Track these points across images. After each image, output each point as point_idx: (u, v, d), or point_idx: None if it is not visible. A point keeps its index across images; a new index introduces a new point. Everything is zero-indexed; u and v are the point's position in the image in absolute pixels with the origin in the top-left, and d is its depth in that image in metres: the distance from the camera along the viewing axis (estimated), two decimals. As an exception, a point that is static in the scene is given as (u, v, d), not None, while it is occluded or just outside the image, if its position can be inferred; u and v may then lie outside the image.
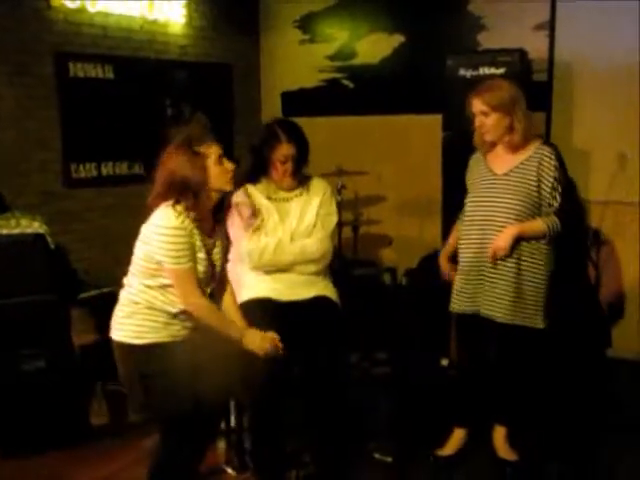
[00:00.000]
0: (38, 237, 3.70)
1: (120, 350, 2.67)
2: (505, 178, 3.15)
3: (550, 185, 3.09)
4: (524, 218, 3.10)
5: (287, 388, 3.08)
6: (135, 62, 5.04)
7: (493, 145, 3.21)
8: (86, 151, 4.78)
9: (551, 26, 4.78)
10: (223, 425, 3.46)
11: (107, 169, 4.93)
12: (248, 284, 3.26)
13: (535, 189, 3.10)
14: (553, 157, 3.09)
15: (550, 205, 3.11)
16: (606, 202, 4.65)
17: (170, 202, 2.60)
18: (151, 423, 3.02)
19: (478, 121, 3.15)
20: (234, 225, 3.22)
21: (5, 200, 4.15)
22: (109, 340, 2.72)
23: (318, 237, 3.25)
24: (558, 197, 3.10)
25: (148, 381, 2.61)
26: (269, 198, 3.28)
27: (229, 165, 2.68)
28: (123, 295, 2.72)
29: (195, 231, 2.62)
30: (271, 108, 6.01)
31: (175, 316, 2.66)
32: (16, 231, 3.70)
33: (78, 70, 4.69)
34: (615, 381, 4.35)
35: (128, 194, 5.08)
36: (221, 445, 3.52)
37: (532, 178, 3.10)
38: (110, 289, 4.47)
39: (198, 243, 2.63)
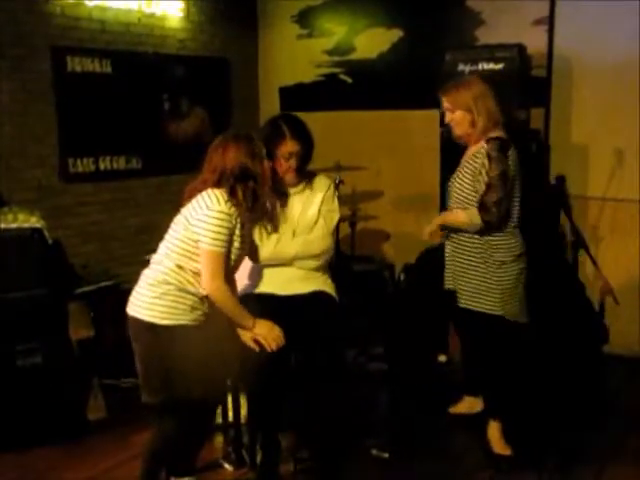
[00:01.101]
0: (35, 232, 3.69)
1: (144, 329, 2.71)
2: (459, 170, 3.36)
3: (474, 178, 3.23)
4: (461, 204, 3.30)
5: (284, 382, 3.07)
6: (133, 56, 5.03)
7: (463, 138, 3.37)
8: (83, 146, 4.77)
9: (550, 21, 4.77)
10: (221, 420, 3.47)
11: (105, 163, 4.92)
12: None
13: (472, 181, 3.25)
14: (483, 152, 3.20)
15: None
16: (604, 198, 4.65)
17: (219, 189, 2.70)
18: (148, 417, 3.01)
19: (447, 117, 3.34)
20: None
21: (2, 195, 4.14)
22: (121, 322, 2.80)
23: (320, 233, 3.22)
24: (480, 190, 3.20)
25: (168, 361, 2.68)
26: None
27: (267, 164, 2.86)
28: (152, 275, 2.75)
29: (238, 220, 2.74)
30: (269, 103, 6.00)
31: (202, 300, 2.74)
32: (13, 226, 3.69)
33: (76, 64, 4.67)
34: (612, 378, 4.35)
35: (126, 188, 5.08)
36: (219, 440, 3.54)
37: (471, 171, 3.25)
38: (107, 284, 4.48)
39: (237, 232, 2.75)
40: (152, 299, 2.70)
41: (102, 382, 4.03)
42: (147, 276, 2.76)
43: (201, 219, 2.67)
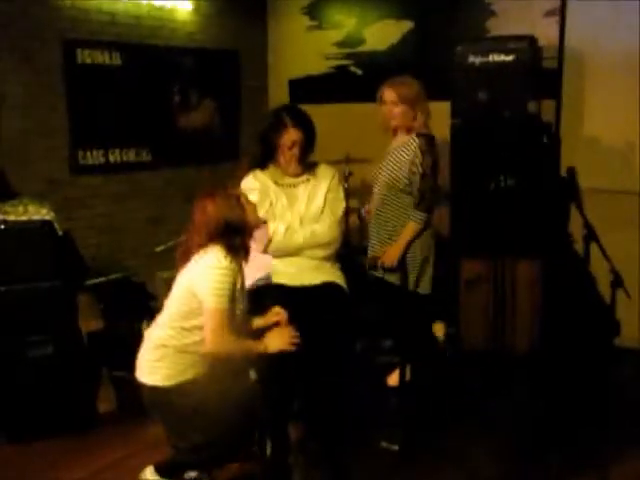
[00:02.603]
0: (46, 223, 3.70)
1: (153, 393, 2.76)
2: (387, 157, 3.71)
3: (411, 169, 3.59)
4: (392, 188, 3.63)
5: (293, 373, 3.07)
6: (143, 49, 5.03)
7: (396, 130, 3.71)
8: (93, 138, 4.78)
9: (562, 12, 4.73)
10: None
11: (114, 156, 4.93)
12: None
13: (405, 169, 3.60)
14: (414, 146, 3.60)
15: (411, 183, 3.60)
16: (616, 191, 4.61)
17: (215, 246, 2.69)
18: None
19: (387, 109, 3.65)
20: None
21: (13, 187, 4.15)
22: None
23: (327, 222, 3.26)
24: (413, 180, 3.59)
25: (183, 416, 2.71)
26: (276, 183, 3.28)
27: (251, 207, 2.85)
28: (152, 338, 2.79)
29: (239, 273, 2.74)
30: (279, 95, 5.99)
31: (202, 357, 2.74)
32: (24, 217, 3.70)
33: (86, 57, 4.68)
34: (622, 370, 4.34)
35: (135, 181, 5.09)
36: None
37: (401, 162, 3.62)
38: (117, 276, 4.50)
39: (238, 286, 2.74)
40: (153, 362, 2.75)
41: (112, 374, 4.05)
42: (149, 338, 2.80)
43: (203, 278, 2.66)
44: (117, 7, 4.84)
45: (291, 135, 3.17)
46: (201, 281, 2.66)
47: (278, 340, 2.84)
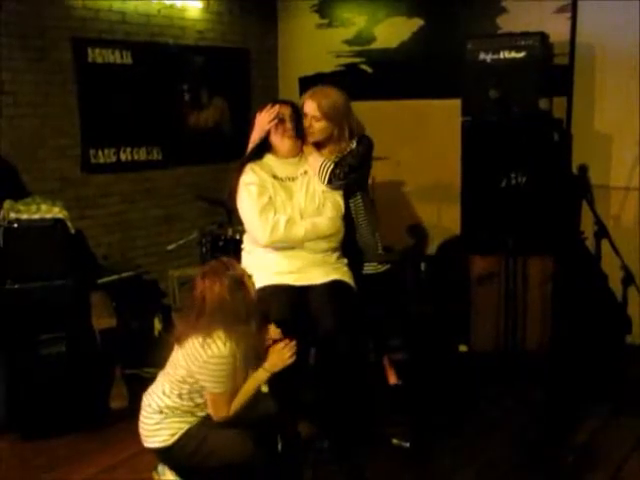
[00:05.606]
0: (58, 222, 3.72)
1: (160, 454, 2.82)
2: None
3: None
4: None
5: (305, 373, 3.08)
6: (153, 47, 5.04)
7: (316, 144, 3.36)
8: (104, 137, 4.80)
9: (573, 9, 4.71)
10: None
11: (125, 155, 4.94)
12: (264, 267, 3.24)
13: None
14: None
15: None
16: (628, 188, 4.60)
17: (213, 332, 2.65)
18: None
19: (307, 122, 3.29)
20: (244, 204, 3.23)
21: (26, 185, 4.18)
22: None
23: (328, 215, 3.25)
24: None
25: (196, 460, 2.75)
26: (275, 178, 3.28)
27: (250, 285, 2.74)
28: (151, 403, 2.81)
29: (239, 355, 2.71)
30: (289, 93, 5.97)
31: (203, 417, 2.79)
32: (36, 216, 3.72)
33: (96, 55, 4.70)
34: (634, 368, 4.33)
35: (147, 179, 5.11)
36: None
37: None
38: (129, 274, 4.52)
39: (238, 362, 2.72)
40: (154, 426, 2.78)
41: (124, 372, 4.06)
42: (149, 405, 2.82)
43: (205, 368, 2.66)
44: (127, 6, 4.85)
45: (277, 110, 3.26)
46: (202, 370, 2.67)
47: (279, 359, 2.84)
